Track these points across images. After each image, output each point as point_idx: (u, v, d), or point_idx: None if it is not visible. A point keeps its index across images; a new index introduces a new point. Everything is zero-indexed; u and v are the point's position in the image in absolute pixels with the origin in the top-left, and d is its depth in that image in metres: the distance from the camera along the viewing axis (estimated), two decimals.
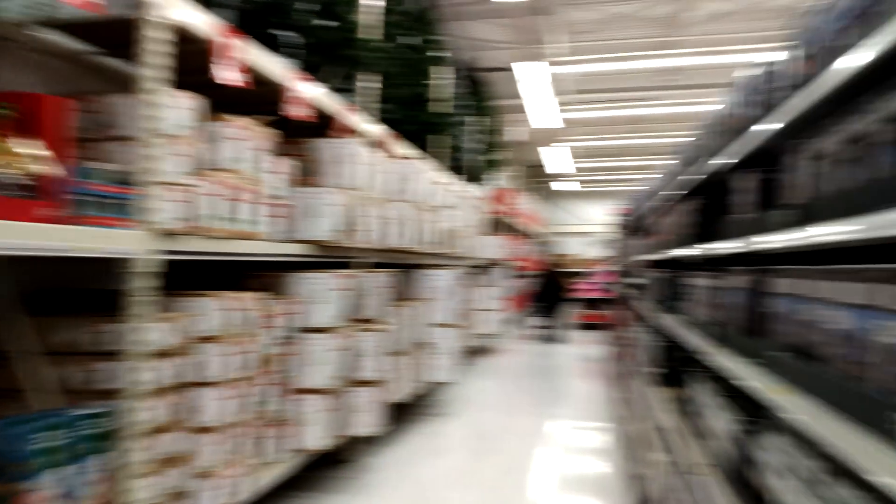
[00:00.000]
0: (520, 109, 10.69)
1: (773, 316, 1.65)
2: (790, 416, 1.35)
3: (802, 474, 1.35)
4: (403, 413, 5.33)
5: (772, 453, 1.61)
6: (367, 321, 4.08)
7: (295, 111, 3.20)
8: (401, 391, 4.80)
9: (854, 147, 1.36)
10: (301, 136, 3.67)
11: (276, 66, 3.02)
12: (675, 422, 2.93)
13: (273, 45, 3.14)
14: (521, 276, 13.12)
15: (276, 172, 3.14)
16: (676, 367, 3.30)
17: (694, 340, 2.54)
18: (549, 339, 11.90)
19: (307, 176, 3.62)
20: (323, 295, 3.55)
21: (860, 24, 1.34)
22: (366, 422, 4.00)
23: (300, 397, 3.39)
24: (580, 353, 10.47)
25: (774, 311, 1.65)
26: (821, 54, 1.57)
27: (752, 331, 1.84)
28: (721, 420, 2.14)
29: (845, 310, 1.21)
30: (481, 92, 9.30)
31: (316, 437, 3.45)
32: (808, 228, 1.43)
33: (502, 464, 4.54)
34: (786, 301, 1.56)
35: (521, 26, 8.67)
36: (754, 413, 1.82)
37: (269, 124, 3.10)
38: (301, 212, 3.42)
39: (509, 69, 8.63)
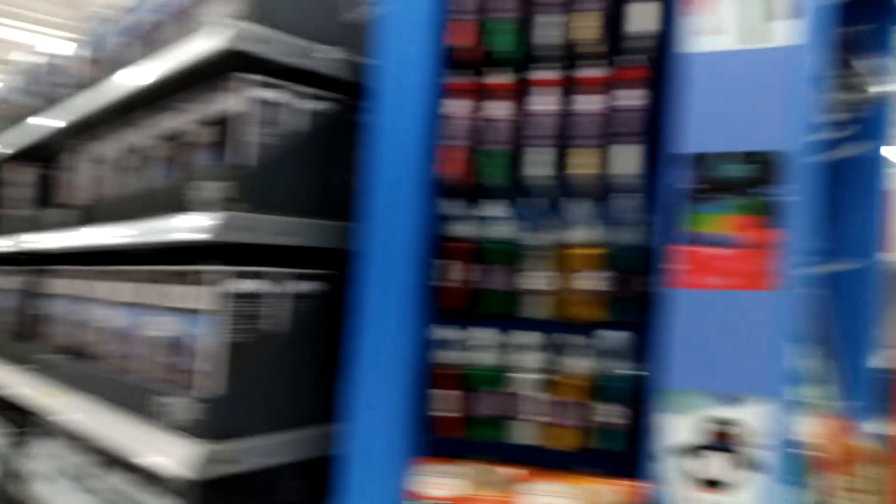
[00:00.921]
0: None
1: (49, 318, 1.60)
2: (63, 418, 1.34)
3: (75, 473, 1.36)
4: None
5: (42, 460, 1.54)
6: None
7: None
8: None
9: (132, 157, 1.47)
10: None
11: None
12: None
13: None
14: None
15: None
16: None
17: None
18: None
19: None
20: None
21: (143, 45, 1.47)
22: None
23: None
24: None
25: (50, 312, 1.60)
26: (107, 62, 1.63)
27: (23, 335, 1.73)
28: None
29: (117, 308, 1.30)
30: None
31: None
32: (85, 230, 1.46)
33: None
34: (62, 302, 1.54)
35: None
36: (23, 423, 1.71)
37: None
38: None
39: None
